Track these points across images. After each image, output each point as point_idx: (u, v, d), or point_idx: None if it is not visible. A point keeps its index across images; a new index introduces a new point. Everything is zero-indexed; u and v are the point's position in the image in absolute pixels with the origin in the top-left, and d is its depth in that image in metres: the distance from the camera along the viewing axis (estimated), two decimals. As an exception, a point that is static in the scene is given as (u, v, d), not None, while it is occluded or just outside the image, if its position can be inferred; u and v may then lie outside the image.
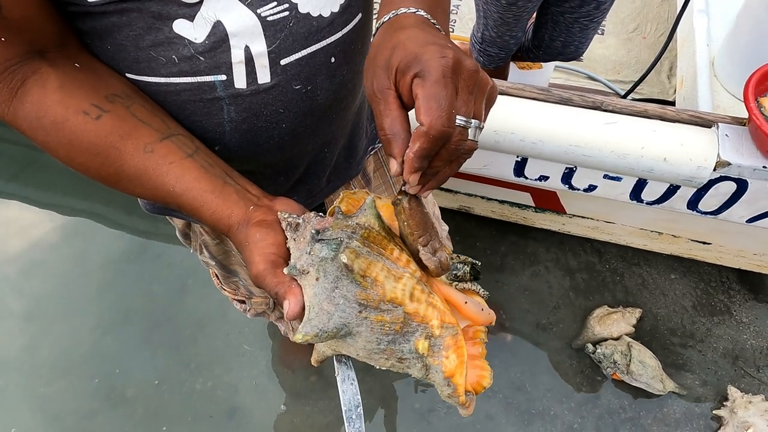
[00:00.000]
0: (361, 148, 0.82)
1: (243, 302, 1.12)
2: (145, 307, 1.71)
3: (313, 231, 0.45)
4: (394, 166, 0.43)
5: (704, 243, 1.50)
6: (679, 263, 1.66)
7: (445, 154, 0.43)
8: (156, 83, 0.54)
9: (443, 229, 1.15)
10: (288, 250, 0.47)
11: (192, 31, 0.51)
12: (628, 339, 1.45)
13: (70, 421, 1.53)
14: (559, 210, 1.54)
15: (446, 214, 1.74)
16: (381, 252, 0.45)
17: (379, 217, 0.47)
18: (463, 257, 0.51)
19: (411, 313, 0.44)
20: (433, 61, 0.40)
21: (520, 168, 1.25)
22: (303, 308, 0.44)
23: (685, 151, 1.07)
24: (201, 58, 0.52)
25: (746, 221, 1.21)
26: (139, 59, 0.52)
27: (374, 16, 0.70)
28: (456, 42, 1.87)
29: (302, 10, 0.54)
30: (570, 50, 1.45)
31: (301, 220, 0.48)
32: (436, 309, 0.45)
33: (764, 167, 1.04)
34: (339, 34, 0.58)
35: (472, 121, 0.43)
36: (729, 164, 1.06)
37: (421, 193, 0.46)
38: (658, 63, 1.94)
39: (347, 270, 0.43)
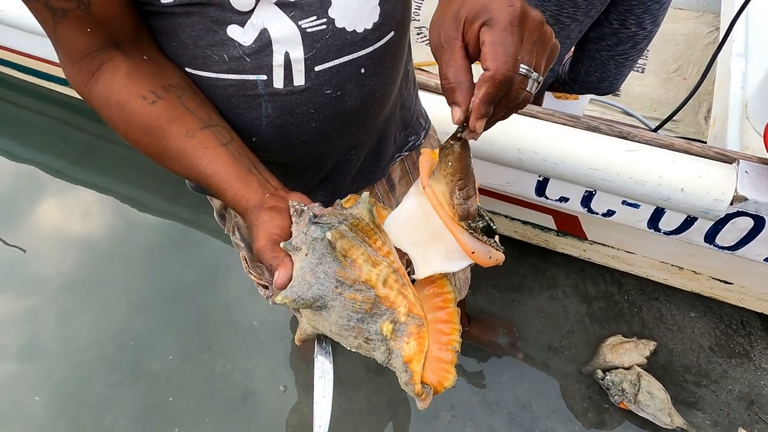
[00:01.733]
0: (388, 154, 0.88)
1: (266, 287, 1.20)
2: (178, 289, 1.83)
3: (311, 215, 0.51)
4: (457, 113, 0.46)
5: (726, 282, 1.50)
6: (700, 302, 1.65)
7: (505, 102, 0.46)
8: (208, 77, 0.63)
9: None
10: (291, 233, 0.53)
11: (242, 35, 0.59)
12: (639, 369, 1.46)
13: (98, 388, 1.64)
14: (581, 236, 1.57)
15: (470, 230, 1.80)
16: (365, 239, 0.51)
17: (370, 211, 0.53)
18: (484, 214, 0.55)
19: (381, 297, 0.49)
20: (501, 10, 0.43)
21: (541, 188, 1.30)
22: (290, 279, 0.50)
23: (702, 183, 1.11)
24: (247, 59, 0.61)
25: (764, 260, 1.21)
26: (196, 56, 0.61)
27: (410, 36, 0.78)
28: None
29: (338, 24, 0.61)
30: (605, 85, 1.51)
31: (306, 208, 0.53)
32: (406, 299, 0.50)
33: (781, 205, 1.06)
34: (370, 49, 0.65)
35: (533, 72, 0.45)
36: (746, 199, 1.08)
37: (475, 138, 0.48)
38: (697, 104, 1.97)
39: (330, 247, 0.48)
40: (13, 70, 2.36)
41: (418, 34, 2.31)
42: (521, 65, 0.44)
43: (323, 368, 0.58)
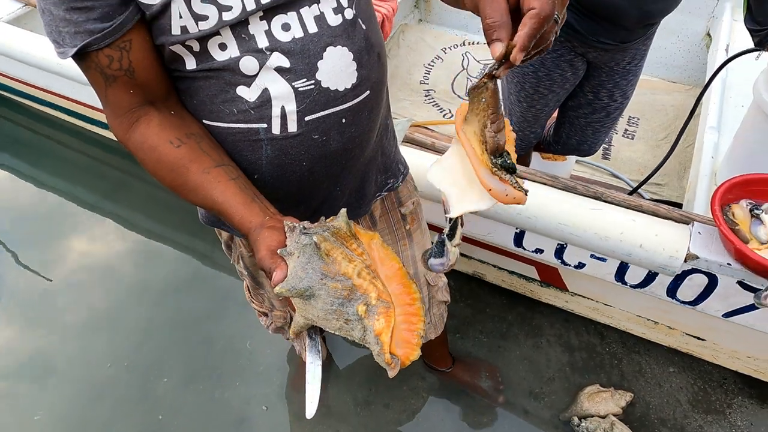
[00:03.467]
0: (370, 193, 1.04)
1: (266, 315, 1.34)
2: (189, 318, 1.97)
3: (302, 227, 0.68)
4: (498, 48, 0.52)
5: (699, 338, 1.57)
6: (680, 358, 1.71)
7: (539, 41, 0.53)
8: (220, 127, 0.80)
9: (441, 279, 1.31)
10: (286, 245, 0.69)
11: (248, 93, 0.77)
12: (613, 418, 1.52)
13: (108, 404, 1.76)
14: (562, 287, 1.67)
15: (459, 277, 1.91)
16: (343, 243, 0.67)
17: (347, 223, 0.69)
18: (507, 155, 0.62)
19: (356, 285, 0.64)
20: None
21: (519, 239, 1.43)
22: (285, 276, 0.65)
23: (659, 241, 1.22)
24: (252, 111, 0.78)
25: (722, 315, 1.30)
26: (212, 110, 0.79)
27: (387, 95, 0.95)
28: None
29: (324, 85, 0.78)
30: (584, 148, 1.66)
31: (297, 224, 0.70)
32: (376, 288, 0.65)
33: (729, 264, 1.16)
34: (349, 104, 0.82)
35: (560, 19, 0.54)
36: (697, 258, 1.19)
37: (504, 75, 0.56)
38: (682, 170, 2.09)
39: (316, 248, 0.64)
40: (60, 113, 2.64)
41: (426, 95, 2.52)
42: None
43: (313, 356, 0.72)
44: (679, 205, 1.81)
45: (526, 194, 0.58)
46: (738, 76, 1.90)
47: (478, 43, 2.76)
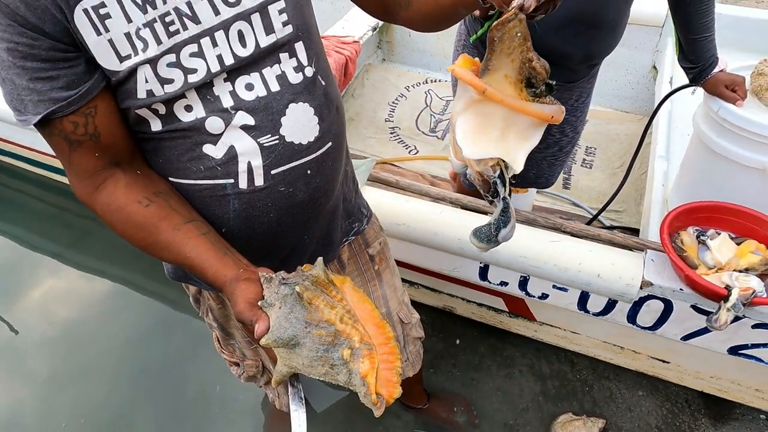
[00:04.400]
0: (336, 239, 1.06)
1: (237, 365, 1.32)
2: (158, 366, 1.92)
3: (280, 278, 0.70)
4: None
5: (664, 362, 1.62)
6: (648, 381, 1.74)
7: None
8: (187, 184, 0.81)
9: (414, 316, 1.32)
10: (263, 296, 0.70)
11: (215, 151, 0.78)
12: (587, 446, 1.53)
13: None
14: (530, 317, 1.71)
15: (431, 312, 1.93)
16: (323, 290, 0.70)
17: (324, 270, 0.71)
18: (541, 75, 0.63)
19: (340, 331, 0.67)
20: None
21: (483, 273, 1.46)
22: (268, 328, 0.66)
23: (615, 270, 1.27)
24: (218, 168, 0.79)
25: (681, 338, 1.35)
26: (178, 168, 0.80)
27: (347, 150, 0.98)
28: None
29: (288, 139, 0.81)
30: (542, 180, 1.72)
31: (273, 275, 0.72)
32: (358, 331, 0.68)
33: (681, 289, 1.22)
34: (313, 155, 0.84)
35: None
36: (652, 284, 1.24)
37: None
38: (639, 196, 2.18)
39: (299, 298, 0.66)
40: (22, 162, 2.60)
41: (391, 133, 2.58)
42: None
43: (297, 404, 0.73)
44: (636, 231, 1.88)
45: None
46: (682, 107, 2.02)
47: (440, 81, 2.85)
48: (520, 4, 0.54)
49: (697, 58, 1.30)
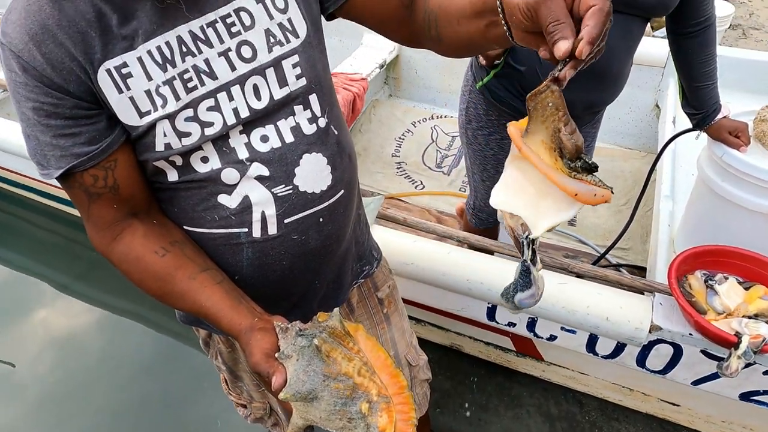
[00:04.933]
0: (346, 283, 1.07)
1: (245, 407, 1.31)
2: (161, 400, 1.91)
3: (297, 329, 0.70)
4: (564, 45, 0.52)
5: (674, 404, 1.60)
6: (658, 423, 1.72)
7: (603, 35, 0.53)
8: (201, 232, 0.82)
9: (421, 357, 1.32)
10: (278, 347, 0.71)
11: (229, 201, 0.80)
12: (597, 492, 1.50)
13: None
14: (537, 357, 1.70)
15: (438, 349, 1.92)
16: (341, 342, 0.70)
17: (341, 321, 0.72)
18: (586, 155, 0.59)
19: (358, 384, 0.67)
20: None
21: (491, 313, 1.46)
22: (285, 381, 0.66)
23: (623, 314, 1.27)
24: (233, 217, 0.81)
25: (691, 383, 1.34)
26: (193, 217, 0.82)
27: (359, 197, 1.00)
28: (459, 201, 2.20)
29: (301, 189, 0.83)
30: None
31: (289, 325, 0.72)
32: (376, 384, 0.68)
33: (690, 334, 1.21)
34: (326, 204, 0.86)
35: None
36: (661, 329, 1.24)
37: (585, 55, 0.52)
38: (645, 234, 2.19)
39: (317, 351, 0.67)
40: (33, 194, 2.64)
41: (398, 168, 2.62)
42: None
43: None
44: (643, 269, 1.88)
45: (612, 191, 0.56)
46: (686, 147, 2.04)
47: (446, 117, 2.90)
48: (554, 76, 0.53)
49: (700, 104, 1.33)
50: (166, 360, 2.05)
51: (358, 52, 2.75)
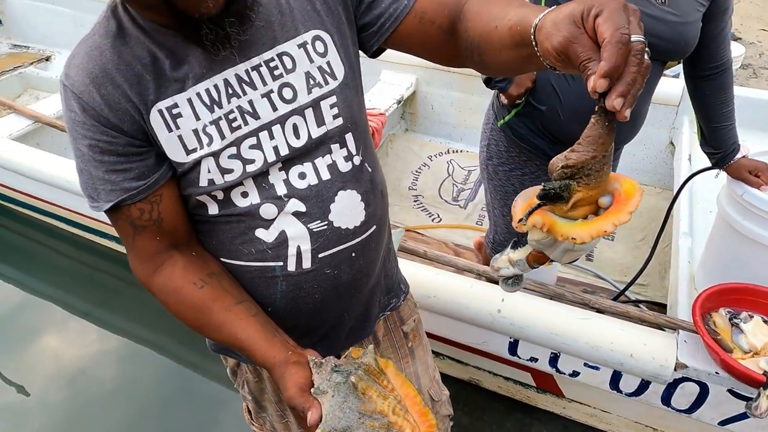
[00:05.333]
0: (374, 315, 1.08)
1: (268, 438, 1.32)
2: (177, 431, 1.90)
3: (333, 365, 0.72)
4: (591, 82, 0.52)
5: (700, 445, 1.57)
6: (682, 465, 1.68)
7: (632, 68, 0.51)
8: (238, 265, 0.85)
9: (444, 392, 1.32)
10: (312, 381, 0.73)
11: (266, 235, 0.83)
12: None
13: None
14: (558, 393, 1.68)
15: (456, 383, 1.91)
16: (375, 380, 0.72)
17: (375, 359, 0.74)
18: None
19: (392, 422, 0.68)
20: (607, 3, 0.53)
21: (513, 348, 1.47)
22: (320, 417, 0.68)
23: (648, 350, 1.27)
24: (269, 251, 0.84)
25: (718, 423, 1.32)
26: (231, 250, 0.85)
27: (390, 231, 1.02)
28: (476, 234, 2.22)
29: (336, 224, 0.85)
30: (567, 254, 1.74)
31: (323, 361, 0.74)
32: (409, 422, 0.70)
33: (717, 373, 1.21)
34: (358, 239, 0.89)
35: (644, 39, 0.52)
36: (686, 367, 1.24)
37: (618, 107, 0.52)
38: (663, 270, 2.19)
39: (354, 388, 0.68)
40: (59, 222, 2.70)
41: (415, 201, 2.65)
42: (634, 36, 0.51)
43: None
44: (663, 305, 1.88)
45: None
46: (703, 184, 2.06)
47: (461, 151, 2.95)
48: (600, 111, 0.55)
49: (719, 144, 1.36)
50: (182, 391, 2.06)
51: (377, 88, 2.83)
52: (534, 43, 0.61)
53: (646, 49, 0.51)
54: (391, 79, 2.86)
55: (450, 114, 3.00)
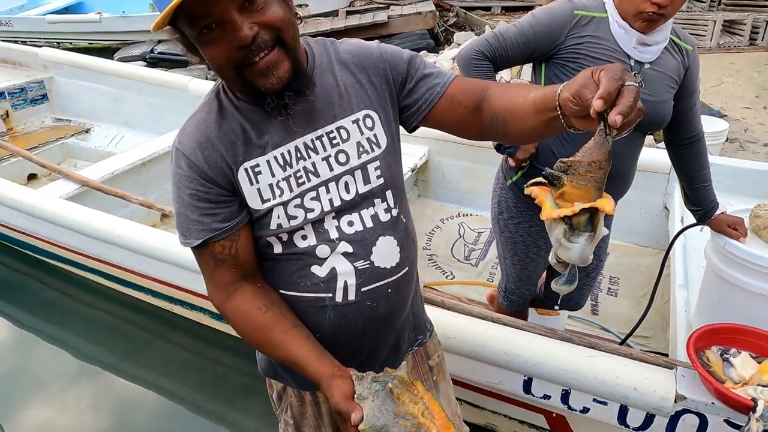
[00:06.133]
0: (403, 349, 1.23)
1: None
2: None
3: (372, 376, 0.89)
4: (593, 105, 0.68)
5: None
6: None
7: (629, 96, 0.66)
8: (294, 295, 1.03)
9: (464, 428, 1.43)
10: (354, 391, 0.89)
11: (320, 271, 1.01)
12: None
13: None
14: (571, 435, 1.78)
15: (473, 429, 1.99)
16: (408, 389, 0.88)
17: (407, 373, 0.90)
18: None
19: (421, 423, 0.84)
20: (611, 65, 0.71)
21: (527, 386, 1.59)
22: (362, 417, 0.84)
23: (650, 383, 1.41)
24: (321, 284, 1.01)
25: (719, 456, 1.42)
26: (290, 283, 1.02)
27: (416, 272, 1.20)
28: (488, 289, 2.39)
29: (376, 264, 1.03)
30: (573, 302, 1.91)
31: (364, 375, 0.91)
32: (436, 425, 0.85)
33: (713, 403, 1.34)
34: (394, 277, 1.06)
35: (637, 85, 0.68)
36: (685, 398, 1.37)
37: (618, 123, 0.66)
38: (665, 324, 2.32)
39: (390, 393, 0.85)
40: (97, 276, 2.88)
41: (429, 259, 2.84)
42: (627, 82, 0.68)
43: None
44: (665, 356, 2.00)
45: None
46: (695, 241, 2.25)
47: (471, 215, 3.18)
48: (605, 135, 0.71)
49: (699, 202, 1.57)
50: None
51: (393, 157, 3.10)
52: (557, 103, 0.78)
53: (639, 89, 0.68)
54: (405, 149, 3.07)
55: (460, 181, 3.26)
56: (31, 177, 3.79)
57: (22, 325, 2.82)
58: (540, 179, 0.80)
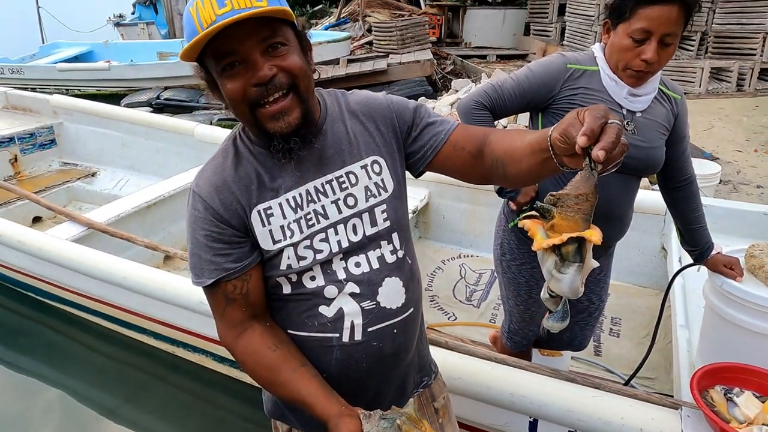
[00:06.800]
0: (409, 390, 1.24)
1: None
2: None
3: (380, 414, 0.91)
4: (577, 142, 0.73)
5: None
6: None
7: (611, 133, 0.71)
8: (302, 335, 1.05)
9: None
10: (362, 429, 0.91)
11: (328, 311, 1.03)
12: None
13: None
14: (578, 480, 1.75)
15: (480, 473, 1.96)
16: (415, 425, 0.90)
17: (415, 410, 0.93)
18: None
19: None
20: (596, 105, 0.75)
21: (533, 427, 1.59)
22: None
23: (655, 424, 1.41)
24: (328, 324, 1.04)
25: (729, 498, 1.40)
26: (298, 322, 1.05)
27: (420, 310, 1.23)
28: (491, 330, 2.39)
29: (382, 304, 1.06)
30: (575, 343, 1.92)
31: (371, 413, 0.94)
32: None
33: (718, 443, 1.34)
34: (399, 318, 1.08)
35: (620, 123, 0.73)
36: (691, 438, 1.37)
37: (601, 158, 0.70)
38: (668, 365, 2.32)
39: (399, 429, 0.87)
40: (100, 318, 2.88)
41: (431, 300, 2.85)
42: (610, 120, 0.73)
43: None
44: (670, 396, 1.99)
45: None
46: (694, 284, 2.28)
47: (472, 256, 3.21)
48: (590, 169, 0.75)
49: (695, 243, 1.62)
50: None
51: (394, 199, 3.17)
52: (549, 143, 0.82)
53: (623, 128, 0.76)
54: (407, 192, 3.21)
55: (460, 223, 3.31)
56: (36, 220, 3.84)
57: (21, 369, 2.80)
58: (533, 213, 0.85)
